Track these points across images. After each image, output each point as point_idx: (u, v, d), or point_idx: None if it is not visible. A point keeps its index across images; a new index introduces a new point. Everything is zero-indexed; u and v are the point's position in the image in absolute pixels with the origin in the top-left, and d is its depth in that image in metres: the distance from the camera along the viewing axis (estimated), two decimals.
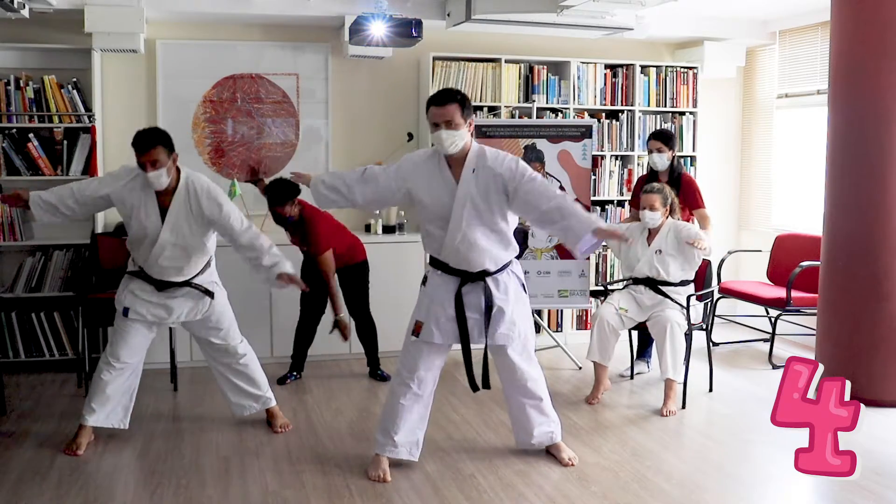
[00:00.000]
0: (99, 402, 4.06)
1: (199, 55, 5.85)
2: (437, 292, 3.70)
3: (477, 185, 3.60)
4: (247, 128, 5.97)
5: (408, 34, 5.10)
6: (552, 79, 6.23)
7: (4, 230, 5.30)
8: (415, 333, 3.72)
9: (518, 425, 4.01)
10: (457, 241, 3.60)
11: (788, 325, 6.21)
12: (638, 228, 4.97)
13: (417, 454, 3.85)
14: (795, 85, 6.51)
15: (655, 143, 5.30)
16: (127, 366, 4.09)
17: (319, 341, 5.39)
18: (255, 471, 3.83)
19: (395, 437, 3.77)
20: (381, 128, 6.18)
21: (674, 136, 5.41)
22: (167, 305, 4.08)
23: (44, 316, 5.41)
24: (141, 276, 4.07)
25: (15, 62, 5.42)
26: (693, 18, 6.27)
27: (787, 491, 3.69)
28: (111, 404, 4.09)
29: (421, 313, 3.74)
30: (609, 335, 4.84)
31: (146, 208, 3.94)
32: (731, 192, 7.05)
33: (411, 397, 3.76)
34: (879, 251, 4.69)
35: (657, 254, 4.85)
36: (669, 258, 4.84)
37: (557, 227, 3.62)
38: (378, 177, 3.70)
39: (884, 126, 4.64)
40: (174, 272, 4.04)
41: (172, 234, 3.95)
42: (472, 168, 3.62)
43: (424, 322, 3.70)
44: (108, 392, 4.07)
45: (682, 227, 4.88)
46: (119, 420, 4.14)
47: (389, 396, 3.84)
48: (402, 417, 3.77)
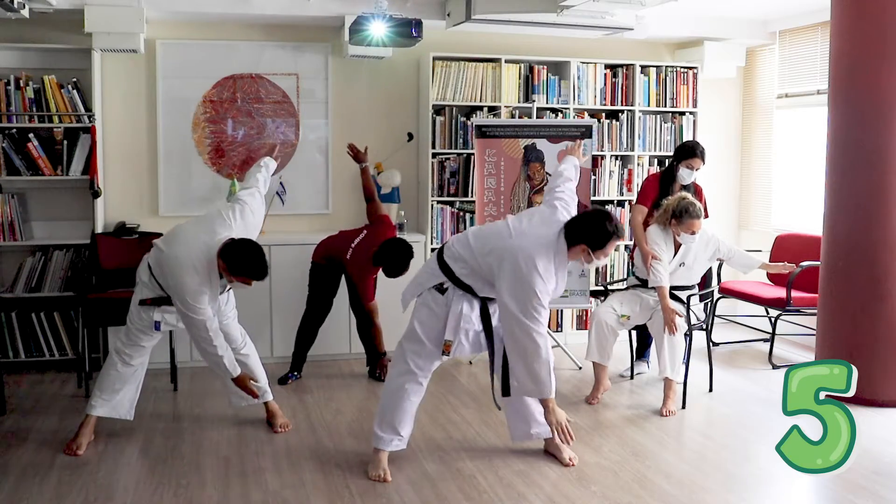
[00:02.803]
0: (108, 394, 4.11)
1: (199, 55, 5.85)
2: (462, 309, 3.72)
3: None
4: (247, 128, 5.97)
5: (408, 34, 5.10)
6: (552, 79, 6.23)
7: (4, 230, 5.30)
8: (445, 353, 3.74)
9: (518, 416, 3.99)
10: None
11: (788, 325, 6.21)
12: (661, 235, 4.81)
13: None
14: (795, 85, 6.51)
15: (697, 162, 5.09)
16: (136, 363, 4.15)
17: (319, 341, 5.39)
18: (255, 471, 3.83)
19: (401, 433, 3.81)
20: (381, 128, 6.18)
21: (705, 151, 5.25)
22: None
23: (44, 316, 5.41)
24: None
25: (15, 62, 5.42)
26: (693, 18, 6.27)
27: (787, 491, 3.69)
28: (119, 396, 4.13)
29: (449, 332, 3.71)
30: (607, 335, 4.83)
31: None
32: (731, 192, 7.04)
33: (417, 388, 3.83)
34: (879, 251, 4.70)
35: (680, 266, 4.83)
36: (691, 271, 4.87)
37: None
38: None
39: (884, 126, 4.64)
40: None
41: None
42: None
43: (454, 340, 3.72)
44: (118, 385, 4.12)
45: (710, 240, 4.88)
46: (126, 411, 4.17)
47: (395, 392, 3.81)
48: (409, 411, 3.82)
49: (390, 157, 6.09)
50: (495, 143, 5.70)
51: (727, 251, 4.92)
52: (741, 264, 4.99)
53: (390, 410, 3.82)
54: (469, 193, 6.05)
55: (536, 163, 5.69)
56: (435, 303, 3.74)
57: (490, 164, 5.71)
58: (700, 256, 4.86)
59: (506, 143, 5.70)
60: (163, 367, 5.19)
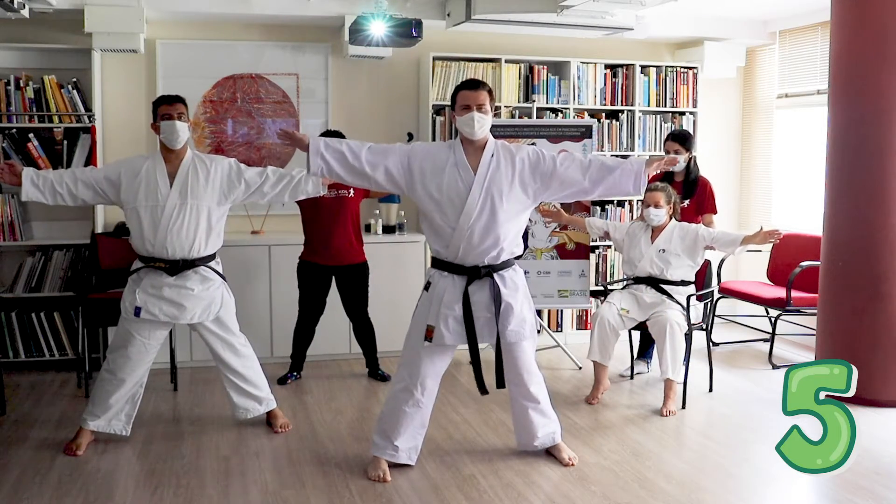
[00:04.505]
0: (101, 409, 4.06)
1: (199, 55, 5.85)
2: (444, 294, 3.65)
3: (497, 172, 3.61)
4: (247, 128, 5.97)
5: (408, 34, 5.10)
6: (552, 79, 6.23)
7: (4, 230, 5.30)
8: (427, 338, 3.66)
9: (521, 428, 4.00)
10: (471, 228, 3.56)
11: (788, 325, 6.21)
12: (641, 226, 4.97)
13: (416, 458, 3.84)
14: (795, 85, 6.51)
15: (673, 145, 5.22)
16: (128, 377, 4.05)
17: (319, 341, 5.39)
18: (255, 471, 3.83)
19: (395, 443, 3.76)
20: (381, 128, 6.17)
21: (691, 136, 5.32)
22: (180, 304, 4.02)
23: (44, 316, 5.41)
24: (152, 266, 4.01)
25: (15, 62, 5.42)
26: (693, 18, 6.27)
27: (787, 491, 3.69)
28: (113, 412, 4.08)
29: (431, 317, 3.66)
30: (609, 335, 4.84)
31: (156, 175, 4.00)
32: (731, 191, 7.04)
33: (413, 405, 3.74)
34: (879, 251, 4.70)
35: (660, 252, 4.85)
36: (673, 257, 4.84)
37: (607, 184, 3.66)
38: (387, 150, 3.65)
39: (884, 126, 4.64)
40: (188, 245, 4.00)
41: (181, 195, 3.99)
42: (492, 153, 3.64)
43: (435, 325, 3.64)
44: (111, 402, 4.06)
45: (689, 228, 4.88)
46: (121, 427, 4.12)
47: (391, 400, 3.81)
48: (404, 424, 3.76)
49: None
50: None
51: (709, 235, 4.85)
52: (726, 244, 4.87)
53: (386, 417, 3.81)
54: None
55: None
56: (424, 300, 3.74)
57: None
58: (677, 244, 4.84)
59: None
60: (163, 367, 5.19)
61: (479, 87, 3.68)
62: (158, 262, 4.01)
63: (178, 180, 4.01)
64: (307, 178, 4.14)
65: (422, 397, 3.74)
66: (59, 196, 3.93)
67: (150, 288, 4.01)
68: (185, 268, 4.02)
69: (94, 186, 3.98)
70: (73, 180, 3.94)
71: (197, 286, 4.05)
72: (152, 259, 4.02)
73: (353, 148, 3.60)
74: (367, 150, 3.61)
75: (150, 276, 4.03)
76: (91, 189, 3.99)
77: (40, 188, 3.89)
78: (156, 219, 3.97)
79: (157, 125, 4.10)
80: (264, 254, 5.60)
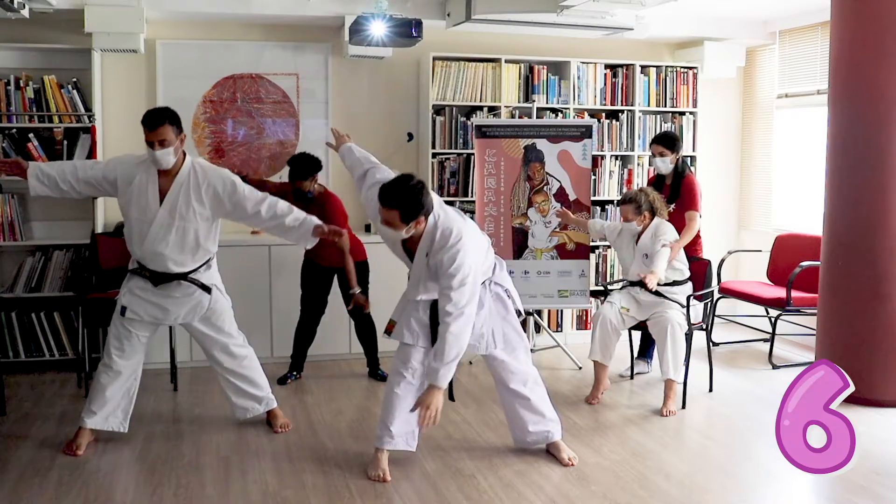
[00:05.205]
0: (98, 405, 4.06)
1: (199, 55, 5.85)
2: (415, 296, 3.75)
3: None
4: (247, 128, 5.97)
5: (408, 34, 5.10)
6: (552, 79, 6.23)
7: (4, 230, 5.31)
8: (386, 332, 3.84)
9: (511, 422, 4.04)
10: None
11: (788, 325, 6.21)
12: (629, 231, 4.97)
13: (415, 444, 3.86)
14: (795, 85, 6.51)
15: (657, 148, 5.27)
16: (123, 369, 4.07)
17: (319, 341, 5.39)
18: (255, 471, 3.83)
19: (391, 428, 3.77)
20: (381, 128, 6.17)
21: (677, 138, 5.33)
22: (163, 307, 4.07)
23: (44, 316, 5.41)
24: (139, 272, 4.06)
25: (15, 62, 5.42)
26: (693, 18, 6.27)
27: (788, 491, 3.69)
28: (110, 407, 4.08)
29: (396, 312, 3.86)
30: (610, 334, 4.84)
31: (147, 190, 3.97)
32: (731, 192, 7.05)
33: (405, 386, 3.76)
34: (879, 251, 4.70)
35: (644, 258, 4.84)
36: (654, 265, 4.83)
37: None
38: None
39: (884, 126, 4.64)
40: (171, 262, 4.01)
41: (170, 215, 3.95)
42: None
43: (397, 322, 3.80)
44: (107, 395, 4.06)
45: (659, 229, 4.83)
46: (118, 423, 4.12)
47: (385, 389, 3.86)
48: (397, 407, 3.77)
49: (390, 157, 6.08)
50: (495, 143, 5.70)
51: (656, 245, 4.77)
52: (659, 261, 4.77)
53: (383, 408, 3.85)
54: (469, 193, 6.05)
55: (536, 163, 5.69)
56: (404, 295, 3.87)
57: (490, 165, 5.71)
58: (651, 248, 4.82)
59: (506, 144, 5.70)
60: (163, 367, 5.20)
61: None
62: (144, 270, 4.05)
63: (169, 199, 3.97)
64: (297, 229, 4.10)
65: (412, 379, 3.77)
66: (63, 191, 3.98)
67: (137, 290, 4.07)
68: (167, 280, 4.05)
69: (94, 185, 4.01)
70: (74, 178, 3.96)
71: (180, 292, 4.08)
72: (139, 265, 4.08)
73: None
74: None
75: (137, 278, 4.08)
76: (92, 186, 4.02)
77: (46, 184, 3.95)
78: (143, 233, 3.99)
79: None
80: (264, 254, 5.60)
